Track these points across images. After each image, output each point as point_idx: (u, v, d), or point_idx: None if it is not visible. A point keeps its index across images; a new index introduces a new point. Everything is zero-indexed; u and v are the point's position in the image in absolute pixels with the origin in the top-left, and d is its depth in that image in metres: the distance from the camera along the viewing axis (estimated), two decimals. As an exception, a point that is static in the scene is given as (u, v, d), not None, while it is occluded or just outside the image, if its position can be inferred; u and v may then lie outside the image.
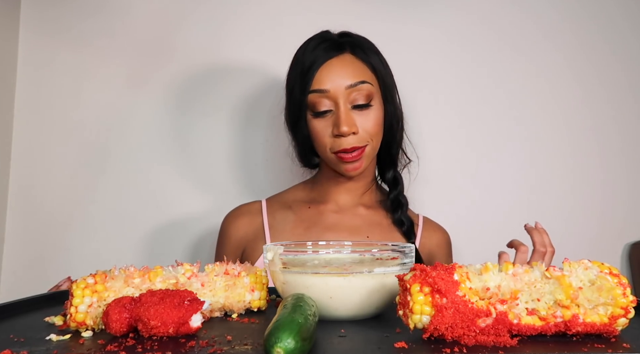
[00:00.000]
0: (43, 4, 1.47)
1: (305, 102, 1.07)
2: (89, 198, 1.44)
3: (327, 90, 1.05)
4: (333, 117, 1.06)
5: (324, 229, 1.13)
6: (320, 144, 1.09)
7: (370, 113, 1.07)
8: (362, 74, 1.07)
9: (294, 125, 1.12)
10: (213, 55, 1.47)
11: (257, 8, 1.48)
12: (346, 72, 1.06)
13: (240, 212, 1.19)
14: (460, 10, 1.49)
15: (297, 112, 1.09)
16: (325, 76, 1.06)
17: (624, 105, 1.49)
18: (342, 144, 1.05)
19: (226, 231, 1.19)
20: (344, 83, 1.05)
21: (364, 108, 1.06)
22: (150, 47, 1.46)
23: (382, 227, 1.14)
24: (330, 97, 1.05)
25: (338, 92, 1.05)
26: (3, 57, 1.41)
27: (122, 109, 1.46)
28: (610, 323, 0.52)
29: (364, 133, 1.06)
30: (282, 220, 1.16)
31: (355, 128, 1.05)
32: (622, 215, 1.45)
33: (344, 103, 1.05)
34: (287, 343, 0.44)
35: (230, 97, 1.47)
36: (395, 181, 1.17)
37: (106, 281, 0.59)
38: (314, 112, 1.07)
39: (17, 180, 1.43)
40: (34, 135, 1.45)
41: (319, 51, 1.08)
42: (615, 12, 1.50)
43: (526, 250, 0.96)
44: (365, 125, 1.06)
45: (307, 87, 1.07)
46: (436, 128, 1.46)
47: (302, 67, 1.08)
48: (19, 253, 1.41)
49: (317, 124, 1.08)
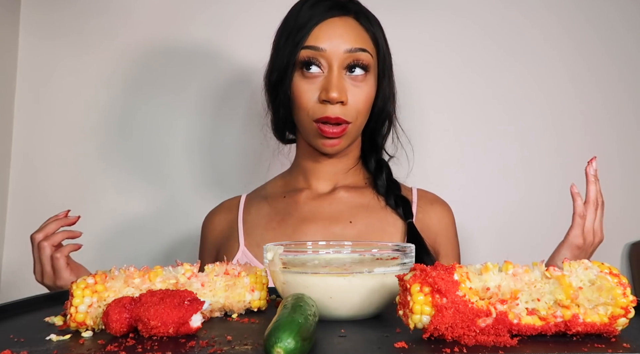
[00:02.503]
0: (43, 5, 1.47)
1: (295, 58, 0.96)
2: (89, 198, 1.43)
3: (323, 48, 0.95)
4: (323, 81, 0.96)
5: (299, 220, 1.04)
6: (301, 108, 0.98)
7: (363, 87, 0.98)
8: (363, 42, 0.98)
9: (275, 86, 1.01)
10: (214, 55, 1.47)
11: (261, 9, 1.47)
12: (348, 35, 0.96)
13: (217, 210, 1.14)
14: (457, 12, 1.48)
15: (283, 69, 0.98)
16: (324, 34, 0.96)
17: (623, 105, 1.49)
18: (326, 111, 0.95)
19: (203, 231, 1.14)
20: (343, 46, 0.96)
21: (358, 79, 0.97)
22: (150, 47, 1.46)
23: (370, 209, 1.05)
24: (325, 57, 0.95)
25: (335, 53, 0.95)
26: (3, 57, 1.41)
27: (122, 109, 1.46)
28: (610, 323, 0.52)
29: (352, 107, 0.97)
30: (257, 213, 1.08)
31: (345, 98, 0.96)
32: (622, 215, 1.45)
33: (338, 68, 0.96)
34: (287, 343, 0.44)
35: (234, 97, 1.46)
36: (379, 167, 1.08)
37: (106, 281, 0.59)
38: (302, 70, 0.96)
39: (17, 180, 1.44)
40: (34, 135, 1.45)
41: (319, 7, 0.98)
42: (612, 14, 1.50)
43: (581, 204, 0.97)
44: (355, 98, 0.97)
45: (301, 41, 0.96)
46: (433, 128, 1.46)
47: (297, 22, 0.97)
48: (19, 253, 1.41)
49: (303, 85, 0.97)
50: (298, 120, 1.01)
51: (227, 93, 1.47)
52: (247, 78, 1.46)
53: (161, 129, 1.46)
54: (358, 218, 1.04)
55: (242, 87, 1.46)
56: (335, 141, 0.99)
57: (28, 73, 1.46)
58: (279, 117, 1.05)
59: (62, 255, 0.95)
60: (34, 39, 1.46)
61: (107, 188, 1.44)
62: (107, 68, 1.46)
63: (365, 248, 0.75)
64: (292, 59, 0.97)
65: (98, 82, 1.46)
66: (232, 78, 1.47)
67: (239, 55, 1.46)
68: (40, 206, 1.43)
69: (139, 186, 1.45)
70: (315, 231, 1.03)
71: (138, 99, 1.46)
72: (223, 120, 1.46)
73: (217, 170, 1.46)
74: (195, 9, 1.47)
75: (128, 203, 1.44)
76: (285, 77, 0.98)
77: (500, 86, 1.48)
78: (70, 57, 1.46)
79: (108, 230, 1.42)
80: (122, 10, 1.47)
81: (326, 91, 0.95)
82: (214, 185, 1.45)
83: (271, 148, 1.19)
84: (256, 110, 1.46)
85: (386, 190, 1.07)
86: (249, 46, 1.46)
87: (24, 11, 1.47)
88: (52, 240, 0.96)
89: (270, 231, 1.04)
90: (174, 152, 1.45)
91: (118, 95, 1.46)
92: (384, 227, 1.04)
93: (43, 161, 1.44)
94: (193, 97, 1.46)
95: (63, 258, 0.95)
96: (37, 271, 0.98)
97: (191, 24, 1.47)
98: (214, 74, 1.47)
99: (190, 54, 1.46)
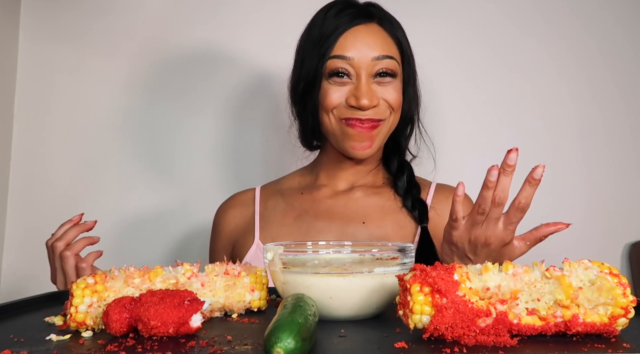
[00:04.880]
0: (43, 5, 1.47)
1: (323, 68, 0.97)
2: (89, 198, 1.43)
3: (351, 57, 0.96)
4: (351, 87, 0.97)
5: (314, 217, 1.04)
6: (328, 109, 0.98)
7: (391, 89, 0.98)
8: (389, 48, 0.99)
9: (303, 96, 1.01)
10: (214, 55, 1.47)
11: (259, 7, 1.47)
12: (374, 42, 0.97)
13: (232, 203, 1.13)
14: (470, 5, 1.47)
15: (311, 79, 0.98)
16: (351, 43, 0.96)
17: (624, 106, 1.49)
18: (355, 114, 0.96)
19: (217, 225, 1.13)
20: (370, 53, 0.96)
21: (385, 82, 0.98)
22: (150, 47, 1.46)
23: (385, 209, 1.05)
24: (353, 65, 0.96)
25: (362, 61, 0.96)
26: (3, 57, 1.41)
27: (122, 109, 1.46)
28: (610, 323, 0.52)
29: (385, 105, 0.97)
30: (273, 208, 1.08)
31: (376, 101, 0.96)
32: (622, 215, 1.45)
33: (366, 76, 0.96)
34: (287, 343, 0.44)
35: (244, 95, 1.46)
36: (400, 168, 1.07)
37: (106, 281, 0.59)
38: (331, 79, 0.97)
39: (17, 180, 1.44)
40: (34, 135, 1.45)
41: (344, 16, 0.98)
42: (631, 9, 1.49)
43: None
44: (387, 96, 0.97)
45: (328, 52, 0.96)
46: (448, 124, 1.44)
47: (322, 32, 0.98)
48: (19, 253, 1.41)
49: (331, 89, 0.97)
50: (324, 122, 1.00)
51: (235, 92, 1.46)
52: (255, 78, 1.46)
53: (161, 129, 1.46)
54: (371, 219, 1.03)
55: (253, 86, 1.46)
56: (366, 144, 0.98)
57: (28, 73, 1.46)
58: (308, 126, 1.04)
59: (88, 265, 0.93)
60: (34, 39, 1.46)
61: (107, 188, 1.44)
62: (108, 66, 1.46)
63: (365, 248, 0.75)
64: (320, 69, 0.97)
65: (98, 82, 1.46)
66: (237, 78, 1.46)
67: (248, 56, 1.46)
68: (40, 206, 1.43)
69: (139, 186, 1.45)
70: (330, 230, 1.03)
71: (138, 99, 1.46)
72: (226, 120, 1.46)
73: (217, 170, 1.46)
74: (199, 10, 1.47)
75: (128, 203, 1.44)
76: (314, 88, 0.99)
77: (508, 86, 1.47)
78: (70, 57, 1.46)
79: (108, 230, 1.42)
80: (122, 11, 1.47)
81: (356, 98, 0.95)
82: (215, 185, 1.45)
83: (286, 147, 1.19)
84: (268, 109, 1.45)
85: (405, 191, 1.05)
86: (262, 47, 1.45)
87: (24, 11, 1.47)
88: (74, 249, 0.94)
89: (286, 227, 1.04)
90: (174, 152, 1.45)
91: (118, 96, 1.46)
92: (396, 229, 1.03)
93: (43, 161, 1.44)
94: (194, 97, 1.46)
95: (89, 268, 0.93)
96: (58, 280, 0.95)
97: (195, 25, 1.47)
98: (217, 74, 1.47)
99: (191, 55, 1.46)
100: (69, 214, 1.43)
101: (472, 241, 0.79)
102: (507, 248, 0.79)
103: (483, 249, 0.79)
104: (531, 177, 0.75)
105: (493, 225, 0.77)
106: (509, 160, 0.75)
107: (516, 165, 0.75)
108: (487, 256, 0.79)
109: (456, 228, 0.80)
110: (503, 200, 0.76)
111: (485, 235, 0.78)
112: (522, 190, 0.76)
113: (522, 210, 0.76)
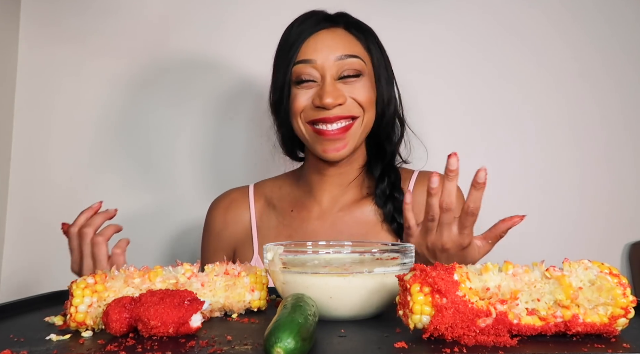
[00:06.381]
0: (43, 4, 1.47)
1: (290, 75, 0.98)
2: (89, 198, 1.43)
3: (314, 60, 0.97)
4: (317, 88, 0.97)
5: (303, 237, 1.06)
6: (296, 113, 0.98)
7: (359, 86, 0.98)
8: (353, 48, 0.99)
9: (277, 105, 1.02)
10: (214, 55, 1.47)
11: (255, 8, 1.47)
12: (337, 44, 0.98)
13: (226, 203, 1.13)
14: (465, 4, 1.47)
15: (281, 88, 1.00)
16: (312, 46, 0.97)
17: (627, 104, 1.48)
18: (321, 114, 0.96)
19: (212, 222, 1.13)
20: (333, 54, 0.97)
21: (352, 79, 0.98)
22: (150, 46, 1.46)
23: (367, 225, 1.04)
24: (316, 68, 0.97)
25: (326, 63, 0.96)
26: (3, 57, 1.41)
27: (122, 109, 1.46)
28: (610, 323, 0.52)
29: (353, 103, 0.97)
30: (267, 223, 1.10)
31: (342, 99, 0.96)
32: (622, 215, 1.45)
33: (330, 77, 0.96)
34: (287, 343, 0.44)
35: (237, 99, 1.46)
36: (382, 175, 1.05)
37: (106, 281, 0.59)
38: (298, 83, 0.98)
39: (17, 180, 1.44)
40: (34, 135, 1.45)
41: (308, 23, 1.00)
42: (625, 6, 1.49)
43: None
44: (354, 94, 0.97)
45: (293, 58, 0.98)
46: (441, 125, 1.45)
47: (289, 40, 1.00)
48: (19, 253, 1.41)
49: (297, 93, 0.98)
50: (295, 127, 1.01)
51: (229, 95, 1.46)
52: (248, 81, 1.46)
53: (161, 129, 1.46)
54: (355, 238, 1.04)
55: (244, 90, 1.46)
56: (340, 145, 0.98)
57: (28, 73, 1.46)
58: (286, 136, 1.07)
59: (122, 250, 0.92)
60: (34, 39, 1.46)
61: (107, 188, 1.44)
62: (108, 68, 1.46)
63: (365, 248, 0.75)
64: (288, 76, 0.99)
65: (98, 82, 1.46)
66: (234, 80, 1.47)
67: (241, 60, 1.46)
68: (41, 206, 1.43)
69: (139, 186, 1.44)
70: None
71: (138, 100, 1.46)
72: (224, 120, 1.46)
73: (218, 169, 1.46)
74: (198, 13, 1.47)
75: (128, 203, 1.43)
76: (284, 95, 1.00)
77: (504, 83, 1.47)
78: (69, 57, 1.46)
79: (108, 230, 1.42)
80: (122, 8, 1.47)
81: (320, 97, 0.96)
82: (215, 184, 1.45)
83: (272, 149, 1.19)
84: (258, 111, 1.46)
85: (385, 201, 1.04)
86: (251, 51, 1.45)
87: (23, 12, 1.47)
88: (105, 235, 0.92)
89: None
90: (174, 152, 1.45)
91: (118, 96, 1.46)
92: None
93: (43, 161, 1.44)
94: (193, 97, 1.46)
95: (123, 254, 0.92)
96: (85, 267, 0.92)
97: (193, 21, 1.47)
98: (216, 76, 1.46)
99: (191, 56, 1.46)
100: (68, 214, 1.43)
101: (430, 247, 0.80)
102: (468, 250, 0.79)
103: (442, 254, 0.79)
104: (475, 182, 0.76)
105: (447, 230, 0.77)
106: (450, 166, 0.75)
107: (459, 170, 0.75)
108: (448, 260, 0.79)
109: (411, 235, 0.81)
110: (449, 205, 0.76)
111: (441, 240, 0.78)
112: (469, 195, 0.76)
113: (473, 214, 0.76)
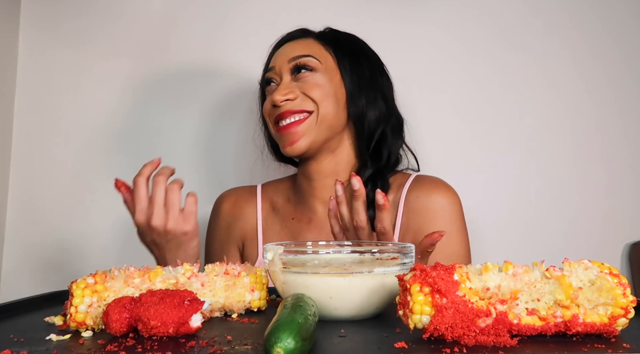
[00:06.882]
0: (43, 4, 1.47)
1: (263, 85, 1.08)
2: (89, 198, 1.43)
3: (274, 66, 1.04)
4: None
5: None
6: (265, 117, 1.06)
7: (311, 77, 1.01)
8: (309, 50, 1.03)
9: (262, 116, 1.11)
10: (214, 54, 1.47)
11: (256, 8, 1.47)
12: (294, 48, 1.04)
13: (235, 198, 1.16)
14: (462, 7, 1.48)
15: (262, 99, 1.10)
16: (276, 55, 1.06)
17: (625, 105, 1.48)
18: (277, 110, 1.01)
19: (220, 216, 1.15)
20: (288, 56, 1.03)
21: (304, 74, 1.01)
22: (150, 46, 1.46)
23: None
24: (276, 72, 1.04)
25: (282, 66, 1.03)
26: (3, 57, 1.41)
27: (122, 109, 1.46)
28: (610, 323, 0.52)
29: (305, 98, 1.00)
30: (272, 228, 1.12)
31: (291, 95, 1.00)
32: (622, 215, 1.45)
33: (286, 76, 1.03)
34: (287, 343, 0.44)
35: (234, 100, 1.46)
36: (366, 183, 1.02)
37: (106, 281, 0.59)
38: (263, 88, 1.08)
39: (17, 180, 1.43)
40: (34, 135, 1.45)
41: (280, 39, 1.09)
42: (622, 8, 1.49)
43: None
44: (304, 89, 1.00)
45: (265, 71, 1.08)
46: (437, 128, 1.45)
47: (267, 58, 1.10)
48: (19, 253, 1.41)
49: (266, 99, 1.06)
50: (270, 132, 1.08)
51: (230, 98, 1.46)
52: (249, 83, 1.46)
53: (161, 132, 1.45)
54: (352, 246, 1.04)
55: (245, 92, 1.46)
56: (294, 138, 1.00)
57: (28, 73, 1.46)
58: (270, 140, 1.14)
59: (179, 185, 0.91)
60: (34, 40, 1.46)
61: (107, 188, 1.43)
62: (108, 66, 1.46)
63: (365, 248, 0.75)
64: (263, 87, 1.09)
65: (97, 85, 1.46)
66: (235, 83, 1.46)
67: (242, 63, 1.45)
68: (40, 206, 1.43)
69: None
70: None
71: (138, 102, 1.46)
72: (224, 122, 1.46)
73: (218, 171, 1.46)
74: (197, 14, 1.47)
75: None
76: (262, 106, 1.09)
77: (501, 85, 1.47)
78: (70, 55, 1.46)
79: (108, 230, 1.42)
80: (122, 8, 1.47)
81: (271, 96, 1.02)
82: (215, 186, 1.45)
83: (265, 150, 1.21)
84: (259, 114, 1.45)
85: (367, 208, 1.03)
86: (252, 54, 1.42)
87: (23, 12, 1.47)
88: (178, 183, 0.93)
89: None
90: (174, 153, 1.45)
91: (118, 96, 1.46)
92: None
93: (43, 161, 1.44)
94: (193, 100, 1.46)
95: (179, 189, 0.91)
96: (156, 215, 0.90)
97: (193, 21, 1.47)
98: (215, 72, 1.46)
99: (191, 59, 1.46)
100: (68, 214, 1.44)
101: None
102: None
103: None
104: (352, 191, 0.79)
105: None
106: (353, 186, 0.79)
107: (363, 190, 0.79)
108: None
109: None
110: (359, 223, 0.80)
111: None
112: (353, 208, 0.80)
113: (360, 227, 0.81)
